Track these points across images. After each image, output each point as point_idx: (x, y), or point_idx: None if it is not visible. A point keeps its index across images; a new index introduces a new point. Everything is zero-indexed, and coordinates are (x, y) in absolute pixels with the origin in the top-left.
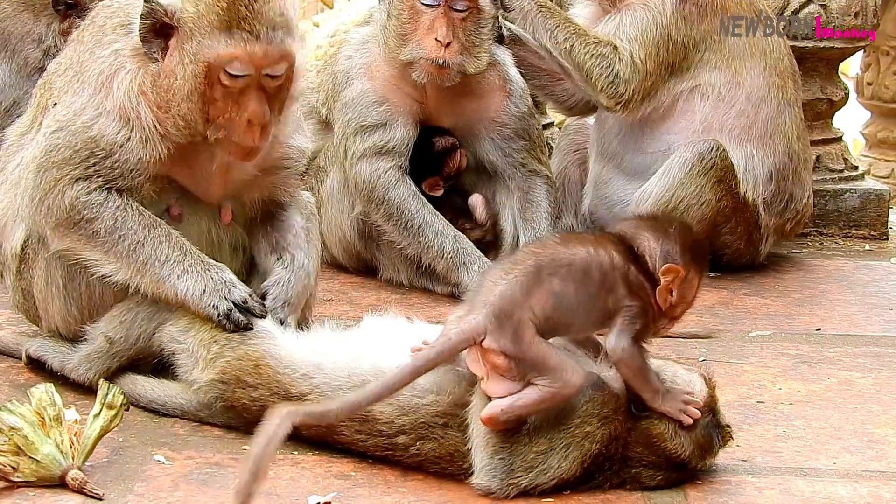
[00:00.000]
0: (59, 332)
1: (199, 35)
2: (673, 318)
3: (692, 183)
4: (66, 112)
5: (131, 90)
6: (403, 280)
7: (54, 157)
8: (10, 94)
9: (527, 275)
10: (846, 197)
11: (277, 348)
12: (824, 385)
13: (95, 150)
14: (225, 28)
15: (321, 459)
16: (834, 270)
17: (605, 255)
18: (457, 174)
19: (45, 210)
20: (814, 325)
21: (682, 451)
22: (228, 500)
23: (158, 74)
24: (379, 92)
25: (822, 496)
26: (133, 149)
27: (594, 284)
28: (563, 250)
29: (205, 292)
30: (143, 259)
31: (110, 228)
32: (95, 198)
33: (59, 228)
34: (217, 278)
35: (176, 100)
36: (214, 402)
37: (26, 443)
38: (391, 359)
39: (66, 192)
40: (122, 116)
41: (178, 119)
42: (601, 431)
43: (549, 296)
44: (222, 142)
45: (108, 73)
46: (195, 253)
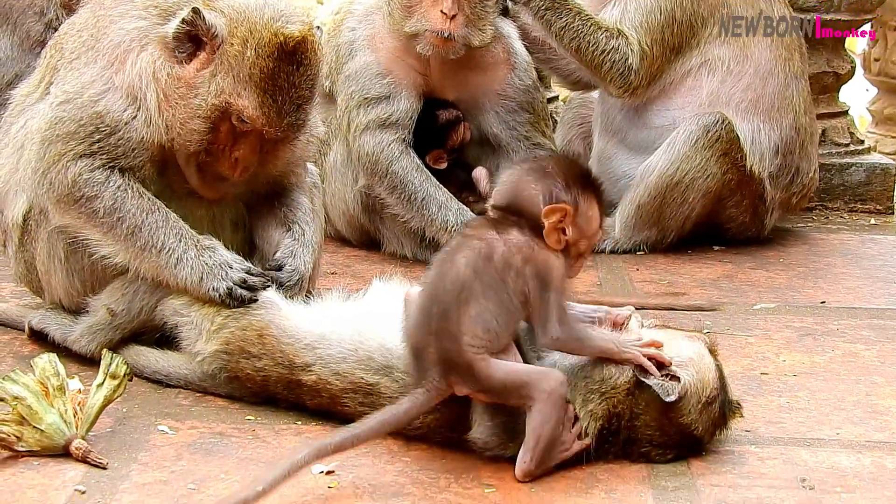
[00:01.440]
0: (62, 304)
1: (233, 77)
2: (580, 255)
3: (697, 156)
4: (74, 83)
5: (145, 72)
6: (407, 253)
7: (59, 130)
8: (11, 68)
9: (441, 316)
10: (852, 171)
11: (282, 318)
12: (828, 357)
13: (100, 126)
14: (259, 88)
15: (325, 429)
16: (839, 244)
17: (492, 239)
18: (460, 147)
19: (47, 184)
20: (818, 298)
21: (698, 427)
22: (231, 470)
23: (177, 77)
24: (382, 64)
25: (826, 466)
26: (137, 128)
27: (501, 281)
28: (454, 268)
29: (202, 278)
30: (140, 245)
31: (109, 209)
32: (97, 176)
33: (61, 204)
34: (212, 262)
35: (185, 113)
36: (218, 373)
37: (30, 412)
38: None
39: (70, 167)
40: (129, 94)
41: (177, 126)
42: (601, 408)
43: (473, 321)
44: (203, 162)
45: (125, 49)
46: (190, 237)
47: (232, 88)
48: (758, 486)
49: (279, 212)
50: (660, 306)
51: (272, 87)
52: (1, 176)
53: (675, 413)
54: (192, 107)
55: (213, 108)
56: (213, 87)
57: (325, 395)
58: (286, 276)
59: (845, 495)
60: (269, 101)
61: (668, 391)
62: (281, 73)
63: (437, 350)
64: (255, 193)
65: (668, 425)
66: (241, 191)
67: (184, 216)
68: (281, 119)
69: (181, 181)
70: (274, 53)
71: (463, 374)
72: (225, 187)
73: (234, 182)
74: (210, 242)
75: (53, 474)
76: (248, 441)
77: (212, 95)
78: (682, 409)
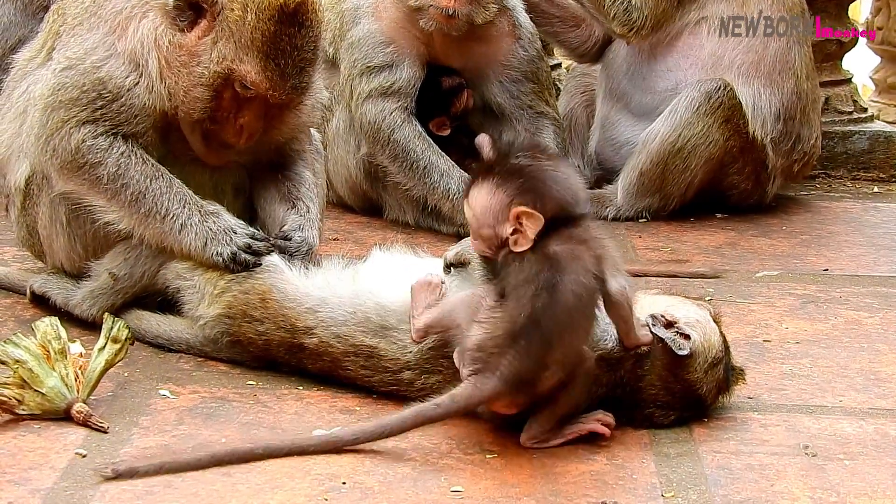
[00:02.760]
0: (64, 269)
1: (234, 43)
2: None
3: (699, 122)
4: (76, 49)
5: (146, 39)
6: (409, 220)
7: (62, 96)
8: (15, 33)
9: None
10: (855, 139)
11: (284, 282)
12: (831, 325)
13: (103, 93)
14: (261, 52)
15: (326, 395)
16: (842, 212)
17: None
18: (464, 114)
19: (50, 151)
20: (821, 266)
21: (703, 387)
22: (232, 434)
23: (179, 45)
24: (386, 32)
25: (828, 433)
26: (140, 94)
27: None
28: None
29: (206, 244)
30: (144, 211)
31: (113, 175)
32: (101, 142)
33: (64, 171)
34: (216, 227)
35: (188, 81)
36: (220, 337)
37: (31, 376)
38: (396, 296)
39: (73, 134)
40: (132, 60)
41: (181, 94)
42: (606, 377)
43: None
44: (208, 130)
45: (126, 15)
46: (193, 203)
47: (234, 54)
48: (760, 453)
49: (283, 186)
50: (662, 273)
51: (274, 50)
52: (3, 141)
53: (683, 370)
54: (194, 75)
55: (216, 76)
56: (215, 54)
57: (327, 359)
58: (295, 245)
59: (848, 462)
60: (271, 65)
61: (680, 345)
62: (283, 36)
63: (517, 367)
64: (257, 160)
65: (673, 383)
66: (245, 158)
67: (186, 182)
68: (284, 83)
69: (183, 148)
70: (275, 16)
71: (525, 395)
72: (229, 154)
73: (238, 149)
74: (214, 208)
75: (54, 438)
76: (250, 406)
77: (214, 63)
78: (689, 367)
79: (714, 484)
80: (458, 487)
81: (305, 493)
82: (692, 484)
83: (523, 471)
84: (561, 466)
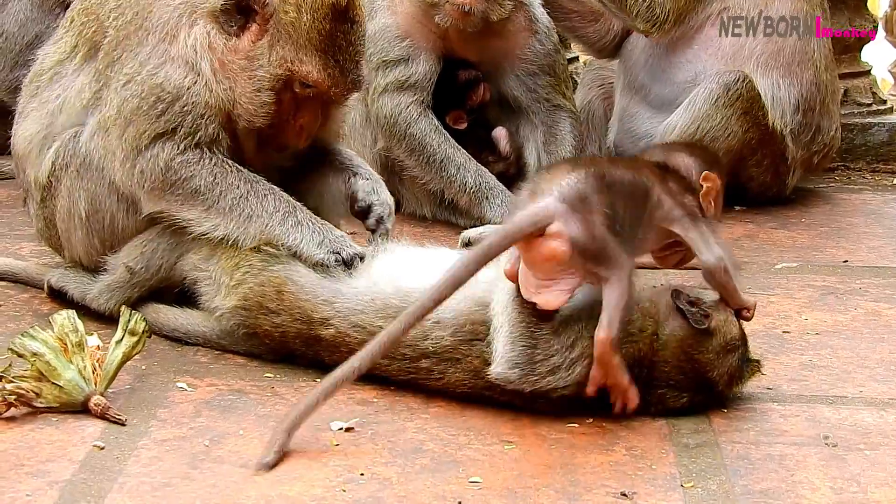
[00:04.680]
0: (81, 263)
1: (291, 44)
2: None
3: (718, 114)
4: (132, 64)
5: (199, 44)
6: (426, 214)
7: (126, 112)
8: (31, 29)
9: (594, 175)
10: (874, 131)
11: (299, 274)
12: (851, 316)
13: (161, 95)
14: (319, 50)
15: None
16: (861, 204)
17: (646, 173)
18: (480, 107)
19: (138, 175)
20: (840, 258)
21: (714, 371)
22: (249, 426)
23: (234, 50)
24: (402, 27)
25: (849, 423)
26: (199, 92)
27: (641, 203)
28: (612, 167)
29: (321, 243)
30: (247, 214)
31: (210, 185)
32: (190, 156)
33: (155, 191)
34: (334, 234)
35: (249, 86)
36: (237, 329)
37: (49, 368)
38: (414, 280)
39: (159, 154)
40: (186, 62)
41: (243, 101)
42: (626, 346)
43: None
44: (266, 135)
45: (174, 24)
46: (300, 206)
47: (293, 56)
48: (780, 443)
49: (334, 160)
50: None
51: (332, 48)
52: (26, 137)
53: (696, 349)
54: (255, 79)
55: (277, 79)
56: (274, 57)
57: (344, 349)
58: (378, 210)
59: (868, 452)
60: (331, 62)
61: (699, 320)
62: (338, 33)
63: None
64: (294, 156)
65: (686, 362)
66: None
67: None
68: (345, 78)
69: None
70: (329, 14)
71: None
72: (277, 156)
73: (293, 150)
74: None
75: (72, 430)
76: (267, 398)
77: (274, 66)
78: (703, 345)
79: (734, 474)
80: (477, 478)
81: (323, 484)
82: (712, 474)
83: (542, 461)
84: (580, 457)
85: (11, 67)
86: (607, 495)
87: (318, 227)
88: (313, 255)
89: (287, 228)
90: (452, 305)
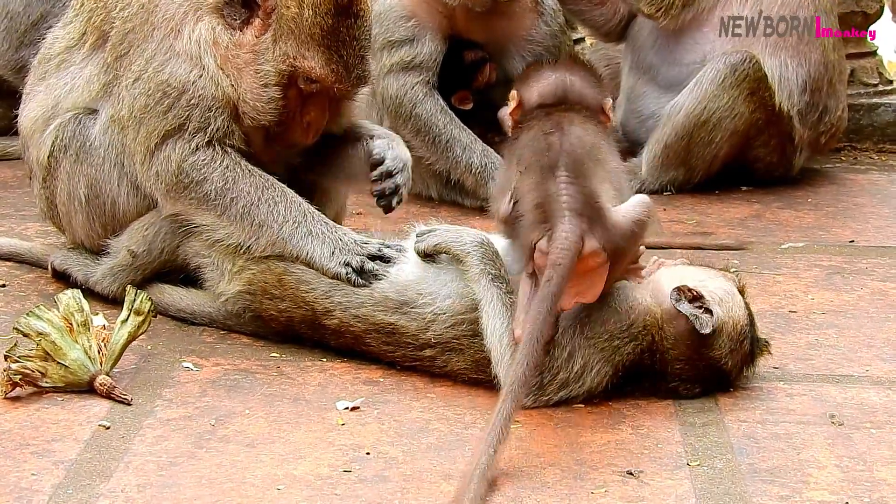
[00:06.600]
0: (84, 245)
1: (294, 39)
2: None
3: (724, 95)
4: (139, 62)
5: (203, 39)
6: (433, 194)
7: (136, 110)
8: (37, 9)
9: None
10: (881, 111)
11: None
12: (857, 295)
13: (167, 90)
14: (323, 45)
15: (349, 366)
16: (868, 184)
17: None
18: (486, 88)
19: (154, 176)
20: (847, 238)
21: (727, 362)
22: (255, 406)
23: (238, 45)
24: (407, 7)
25: (855, 402)
26: (205, 85)
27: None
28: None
29: (334, 252)
30: (258, 222)
31: (220, 190)
32: (202, 157)
33: (171, 193)
34: (346, 238)
35: (254, 81)
36: (243, 312)
37: (54, 348)
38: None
39: (171, 156)
40: (191, 57)
41: (250, 97)
42: (632, 345)
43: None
44: (274, 133)
45: (179, 19)
46: (314, 211)
47: (296, 51)
48: (786, 422)
49: (351, 131)
50: (687, 245)
51: (335, 42)
52: (31, 117)
53: (707, 347)
54: (260, 74)
55: (282, 74)
56: (278, 52)
57: (349, 336)
58: (390, 163)
59: (874, 431)
60: (335, 57)
61: (703, 324)
62: (341, 28)
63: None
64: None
65: (697, 359)
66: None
67: None
68: (349, 73)
69: None
70: (331, 10)
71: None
72: (285, 153)
73: (301, 146)
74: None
75: (78, 410)
76: (273, 377)
77: (278, 61)
78: (713, 343)
79: (740, 453)
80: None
81: (329, 463)
82: (718, 453)
83: (548, 440)
84: (586, 436)
85: (17, 47)
86: (613, 474)
87: (330, 235)
88: (327, 268)
89: (298, 240)
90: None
